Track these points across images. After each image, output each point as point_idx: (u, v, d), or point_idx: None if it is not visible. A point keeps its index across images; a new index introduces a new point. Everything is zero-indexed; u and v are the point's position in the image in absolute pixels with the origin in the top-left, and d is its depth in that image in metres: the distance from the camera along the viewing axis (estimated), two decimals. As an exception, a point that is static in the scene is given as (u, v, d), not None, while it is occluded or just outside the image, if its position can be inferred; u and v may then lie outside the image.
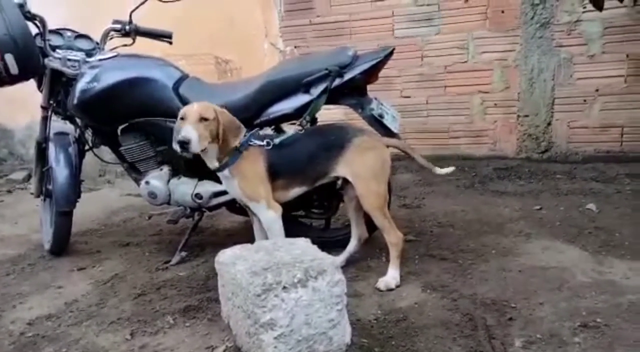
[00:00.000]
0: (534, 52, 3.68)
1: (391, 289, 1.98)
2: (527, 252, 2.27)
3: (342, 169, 2.00)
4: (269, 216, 1.98)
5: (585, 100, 3.64)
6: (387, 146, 2.06)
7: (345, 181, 2.05)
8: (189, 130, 1.82)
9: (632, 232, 2.40)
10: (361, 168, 1.97)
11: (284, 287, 1.44)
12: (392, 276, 2.02)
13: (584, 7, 3.49)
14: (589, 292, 1.85)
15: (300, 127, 2.07)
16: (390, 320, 1.76)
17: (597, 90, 3.61)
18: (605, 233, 2.43)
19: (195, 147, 1.83)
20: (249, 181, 1.96)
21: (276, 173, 1.99)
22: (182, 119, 1.87)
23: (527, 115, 3.77)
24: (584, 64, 3.61)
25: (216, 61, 4.33)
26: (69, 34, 2.56)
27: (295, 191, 2.06)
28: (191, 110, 1.87)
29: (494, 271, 2.09)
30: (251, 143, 1.98)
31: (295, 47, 4.30)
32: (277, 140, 1.99)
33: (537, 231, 2.51)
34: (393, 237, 2.02)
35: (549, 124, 3.74)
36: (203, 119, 1.85)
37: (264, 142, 1.98)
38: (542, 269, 2.07)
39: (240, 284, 1.49)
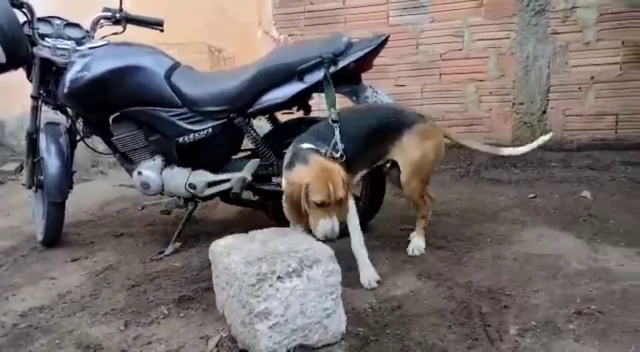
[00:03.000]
0: (529, 39, 3.66)
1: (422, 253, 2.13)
2: (522, 240, 2.27)
3: (397, 153, 2.01)
4: (351, 206, 1.86)
5: (580, 88, 3.64)
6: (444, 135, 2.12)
7: (393, 164, 2.09)
8: (335, 226, 1.60)
9: (626, 220, 2.41)
10: (415, 156, 1.99)
11: (279, 277, 1.43)
12: (421, 242, 2.18)
13: (580, -6, 3.48)
14: (583, 280, 1.86)
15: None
16: (385, 308, 1.76)
17: (592, 77, 3.60)
18: (599, 220, 2.43)
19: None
20: None
21: (347, 160, 1.89)
22: (321, 204, 1.61)
23: (522, 103, 3.76)
24: (579, 51, 3.59)
25: (209, 50, 4.28)
26: (57, 22, 2.51)
27: (358, 176, 2.05)
28: (331, 194, 1.59)
29: (489, 259, 2.09)
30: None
31: (289, 35, 4.25)
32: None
33: (532, 219, 2.51)
34: (425, 212, 2.16)
35: (544, 112, 3.73)
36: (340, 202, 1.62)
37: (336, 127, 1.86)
38: (537, 257, 2.08)
39: (235, 274, 1.48)
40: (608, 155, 3.50)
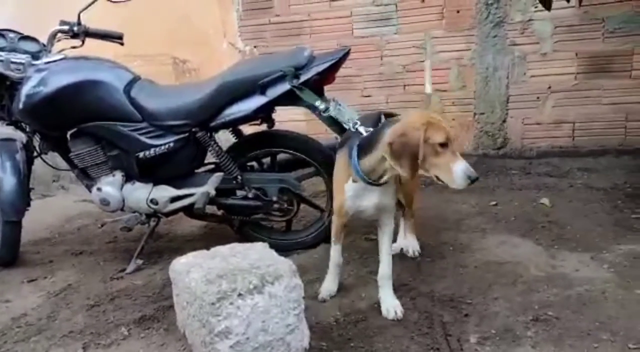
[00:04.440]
0: (489, 50, 3.76)
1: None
2: (483, 247, 2.31)
3: None
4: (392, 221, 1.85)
5: (538, 98, 3.75)
6: None
7: None
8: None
9: (583, 226, 2.48)
10: None
11: (240, 294, 1.42)
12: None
13: (536, 7, 3.59)
14: (541, 286, 1.91)
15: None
16: (349, 321, 1.77)
17: (549, 87, 3.72)
18: (558, 227, 2.50)
19: None
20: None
21: None
22: (444, 144, 1.52)
23: (483, 113, 3.85)
24: (536, 61, 3.71)
25: (173, 61, 4.23)
26: (12, 35, 2.43)
27: None
28: (451, 132, 1.54)
29: (451, 268, 2.13)
30: None
31: (254, 46, 4.25)
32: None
33: (492, 226, 2.57)
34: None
35: (504, 121, 3.83)
36: None
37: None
38: (498, 264, 2.12)
39: (195, 293, 1.46)
40: (566, 162, 3.61)
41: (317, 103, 2.06)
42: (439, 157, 1.53)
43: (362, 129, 1.76)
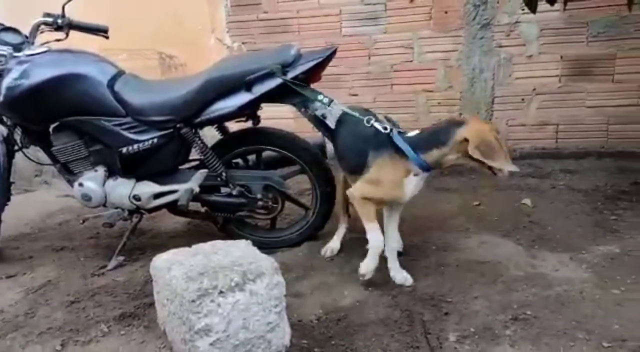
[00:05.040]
0: (475, 52, 3.80)
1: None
2: (465, 247, 2.33)
3: None
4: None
5: (523, 99, 3.80)
6: None
7: None
8: None
9: (563, 226, 2.52)
10: None
11: (221, 292, 1.41)
12: None
13: (522, 9, 3.63)
14: (521, 286, 1.93)
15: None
16: (331, 319, 1.77)
17: (534, 89, 3.76)
18: (539, 227, 2.53)
19: None
20: None
21: None
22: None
23: (468, 114, 3.89)
24: (522, 64, 3.75)
25: (160, 56, 4.20)
26: (-8, 26, 2.39)
27: None
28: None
29: (433, 266, 2.15)
30: None
31: (242, 43, 4.23)
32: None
33: (475, 226, 2.59)
34: None
35: (489, 121, 3.87)
36: None
37: None
38: (479, 264, 2.15)
39: (175, 290, 1.45)
40: (549, 164, 3.66)
41: (320, 97, 2.09)
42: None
43: (377, 125, 1.92)
